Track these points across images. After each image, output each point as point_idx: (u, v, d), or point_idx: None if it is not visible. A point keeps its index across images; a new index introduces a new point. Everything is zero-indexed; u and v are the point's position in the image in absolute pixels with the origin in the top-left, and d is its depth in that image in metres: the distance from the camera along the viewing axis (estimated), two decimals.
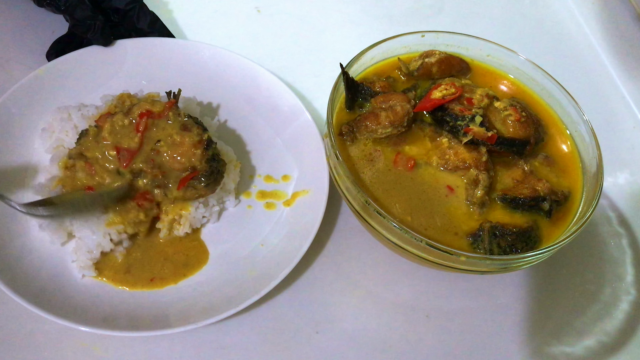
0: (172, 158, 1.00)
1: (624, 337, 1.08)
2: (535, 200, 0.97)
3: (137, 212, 1.00)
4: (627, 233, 1.22)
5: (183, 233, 1.04)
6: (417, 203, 0.97)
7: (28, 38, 1.28)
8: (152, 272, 1.01)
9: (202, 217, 1.07)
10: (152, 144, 1.00)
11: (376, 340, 1.01)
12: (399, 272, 1.09)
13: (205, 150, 1.01)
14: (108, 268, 1.00)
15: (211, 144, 1.03)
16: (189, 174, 1.00)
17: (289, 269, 0.98)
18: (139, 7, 1.26)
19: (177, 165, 1.00)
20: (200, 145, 1.00)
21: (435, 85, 1.07)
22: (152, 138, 1.01)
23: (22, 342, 0.92)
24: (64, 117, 1.07)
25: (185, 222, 1.04)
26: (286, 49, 1.43)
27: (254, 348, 0.97)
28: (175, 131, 1.01)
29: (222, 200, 1.10)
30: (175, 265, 1.03)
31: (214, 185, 1.03)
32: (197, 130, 1.02)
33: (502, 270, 0.95)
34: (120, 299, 0.97)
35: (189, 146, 1.00)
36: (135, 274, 1.00)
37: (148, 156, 1.00)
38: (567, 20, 1.68)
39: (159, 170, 1.00)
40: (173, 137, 1.00)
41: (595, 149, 1.02)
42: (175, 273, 1.02)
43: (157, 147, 1.00)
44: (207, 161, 1.01)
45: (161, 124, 1.01)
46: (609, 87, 1.53)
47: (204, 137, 1.01)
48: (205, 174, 1.00)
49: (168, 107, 1.02)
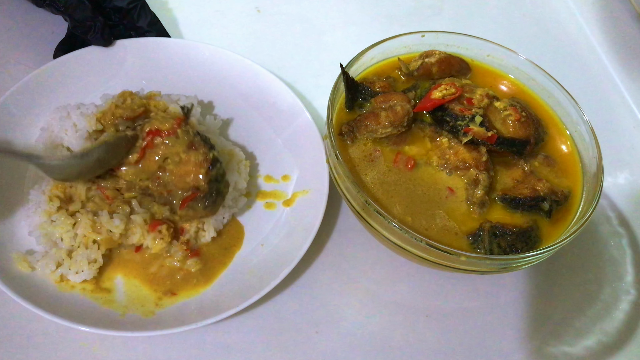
0: (177, 177, 0.99)
1: (624, 337, 1.08)
2: (535, 200, 0.97)
3: (155, 237, 0.99)
4: (627, 233, 1.22)
5: (209, 238, 1.04)
6: (417, 203, 0.97)
7: (28, 38, 1.28)
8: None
9: (222, 217, 1.07)
10: (160, 162, 0.99)
11: (376, 340, 1.01)
12: (399, 272, 1.09)
13: (210, 170, 0.98)
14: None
15: (216, 164, 1.00)
16: (190, 195, 0.99)
17: (289, 269, 0.98)
18: (140, 6, 1.26)
19: (181, 184, 0.99)
20: (205, 164, 0.98)
21: (435, 85, 1.07)
22: (160, 155, 0.99)
23: (22, 342, 0.92)
24: (63, 115, 1.07)
25: (209, 227, 1.04)
26: (286, 49, 1.43)
27: (254, 348, 0.97)
28: (182, 149, 0.98)
29: (236, 199, 1.10)
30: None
31: (212, 207, 1.01)
32: (203, 150, 0.99)
33: (502, 270, 0.95)
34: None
35: (194, 165, 0.98)
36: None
37: (155, 174, 0.99)
38: (567, 20, 1.68)
39: (164, 189, 0.99)
40: (180, 155, 0.99)
41: (595, 149, 1.02)
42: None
43: (164, 165, 0.99)
44: (209, 182, 0.99)
45: (170, 141, 0.99)
46: (609, 87, 1.53)
47: (209, 156, 0.99)
48: (204, 197, 0.99)
49: (177, 124, 1.00)
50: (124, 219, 0.98)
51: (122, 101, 1.08)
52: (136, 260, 1.01)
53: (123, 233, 0.98)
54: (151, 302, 0.97)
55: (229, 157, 1.11)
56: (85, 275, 0.95)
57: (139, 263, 1.01)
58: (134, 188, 1.01)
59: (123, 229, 0.98)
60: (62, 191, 1.00)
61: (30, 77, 1.11)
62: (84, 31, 1.16)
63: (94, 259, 0.97)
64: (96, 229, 0.97)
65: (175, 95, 1.15)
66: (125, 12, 1.24)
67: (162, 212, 1.01)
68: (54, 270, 0.94)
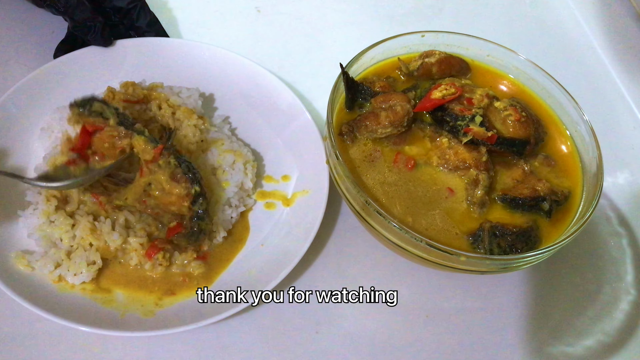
0: (163, 204, 0.99)
1: (624, 337, 1.08)
2: (535, 200, 0.97)
3: (154, 264, 0.99)
4: (627, 233, 1.22)
5: (221, 239, 1.05)
6: (417, 203, 0.97)
7: (28, 38, 1.28)
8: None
9: (230, 217, 1.07)
10: (144, 186, 0.99)
11: (376, 340, 1.01)
12: (399, 272, 1.09)
13: (192, 205, 0.96)
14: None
15: (198, 199, 0.97)
16: (174, 227, 0.98)
17: (289, 269, 0.98)
18: (140, 6, 1.26)
19: (167, 210, 0.99)
20: (187, 198, 0.96)
21: (435, 85, 1.07)
22: (145, 180, 0.99)
23: (22, 342, 0.92)
24: (63, 116, 1.07)
25: (219, 227, 1.04)
26: (286, 49, 1.43)
27: (254, 348, 0.97)
28: (165, 179, 0.96)
29: (243, 199, 1.10)
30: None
31: (195, 243, 0.99)
32: (185, 183, 0.96)
33: (502, 270, 0.95)
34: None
35: (176, 197, 0.96)
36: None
37: (141, 197, 0.99)
38: (567, 20, 1.68)
39: (152, 210, 1.00)
40: (162, 185, 0.97)
41: (595, 149, 1.02)
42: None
43: (149, 191, 0.99)
44: (190, 219, 0.97)
45: (154, 167, 0.97)
46: (609, 87, 1.53)
47: (191, 192, 0.96)
48: (186, 235, 0.98)
49: (157, 154, 0.96)
50: (123, 234, 0.98)
51: (124, 91, 1.10)
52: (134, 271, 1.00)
53: (119, 249, 0.98)
54: (151, 302, 0.97)
55: (237, 157, 1.11)
56: (84, 277, 0.95)
57: (137, 272, 1.00)
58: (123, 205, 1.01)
59: (120, 245, 0.97)
60: (58, 191, 1.00)
61: (30, 77, 1.11)
62: (84, 31, 1.16)
63: (93, 261, 0.97)
64: (95, 234, 0.97)
65: (177, 88, 1.16)
66: (125, 12, 1.24)
67: (156, 225, 1.01)
68: (52, 271, 0.94)
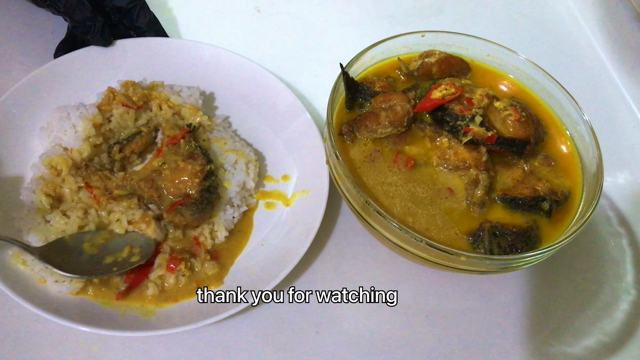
0: (171, 182, 1.02)
1: (624, 337, 1.08)
2: (535, 200, 0.97)
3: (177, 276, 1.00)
4: (627, 233, 1.22)
5: (223, 238, 1.05)
6: (417, 203, 0.97)
7: (28, 38, 1.28)
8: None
9: (232, 217, 1.08)
10: (157, 165, 1.03)
11: (376, 340, 1.01)
12: (399, 272, 1.09)
13: (203, 181, 1.02)
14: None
15: (211, 176, 1.04)
16: (179, 200, 1.01)
17: (289, 269, 0.98)
18: (140, 6, 1.26)
19: (173, 190, 1.01)
20: (200, 174, 1.02)
21: (435, 85, 1.07)
22: (159, 159, 1.04)
23: (22, 342, 0.92)
24: (63, 116, 1.07)
25: (220, 227, 1.05)
26: (286, 49, 1.43)
27: (254, 348, 0.97)
28: (181, 157, 1.03)
29: (245, 199, 1.11)
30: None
31: (200, 215, 1.02)
32: (201, 161, 1.03)
33: (502, 270, 0.95)
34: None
35: (189, 174, 1.02)
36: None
37: (149, 176, 1.02)
38: (567, 20, 1.68)
39: (155, 192, 1.01)
40: (177, 163, 1.03)
41: (595, 149, 1.02)
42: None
43: (160, 169, 1.03)
44: (200, 191, 1.01)
45: (172, 148, 1.05)
46: (609, 87, 1.53)
47: (206, 167, 1.03)
48: (194, 203, 1.00)
49: (181, 134, 1.06)
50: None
51: (125, 90, 1.11)
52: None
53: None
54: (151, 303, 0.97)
55: (239, 157, 1.11)
56: (72, 288, 0.94)
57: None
58: (124, 187, 1.02)
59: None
60: (52, 189, 1.00)
61: (30, 77, 1.11)
62: (83, 31, 1.16)
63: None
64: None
65: (178, 87, 1.16)
66: (124, 12, 1.24)
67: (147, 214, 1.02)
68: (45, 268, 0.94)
